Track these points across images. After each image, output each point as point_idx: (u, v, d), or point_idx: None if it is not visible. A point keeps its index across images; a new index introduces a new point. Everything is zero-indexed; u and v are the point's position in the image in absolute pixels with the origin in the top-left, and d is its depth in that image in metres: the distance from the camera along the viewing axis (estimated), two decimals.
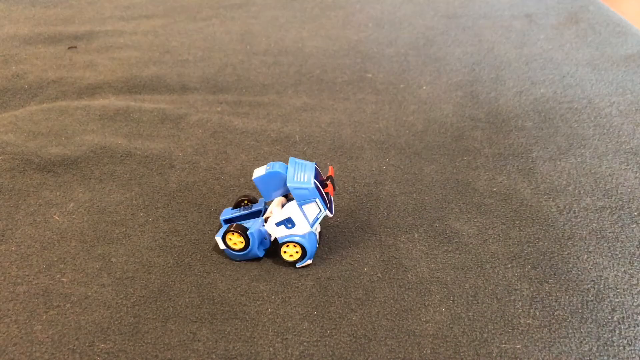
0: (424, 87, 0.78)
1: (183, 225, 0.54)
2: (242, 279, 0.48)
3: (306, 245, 0.48)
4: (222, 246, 0.49)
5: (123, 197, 0.57)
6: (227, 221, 0.52)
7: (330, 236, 0.53)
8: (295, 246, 0.48)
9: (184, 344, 0.42)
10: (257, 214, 0.52)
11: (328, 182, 0.49)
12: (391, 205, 0.56)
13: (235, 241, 0.48)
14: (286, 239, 0.48)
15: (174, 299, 0.46)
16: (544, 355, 0.42)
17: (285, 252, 0.49)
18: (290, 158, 0.49)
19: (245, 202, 0.53)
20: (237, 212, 0.52)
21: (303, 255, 0.49)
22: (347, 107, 0.73)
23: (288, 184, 0.47)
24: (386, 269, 0.49)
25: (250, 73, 0.81)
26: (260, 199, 0.53)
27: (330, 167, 0.52)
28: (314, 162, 0.50)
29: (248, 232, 0.48)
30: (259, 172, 0.49)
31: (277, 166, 0.48)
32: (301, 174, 0.48)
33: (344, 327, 0.44)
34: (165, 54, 0.87)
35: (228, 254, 0.50)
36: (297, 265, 0.49)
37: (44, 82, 0.78)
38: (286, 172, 0.48)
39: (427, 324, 0.44)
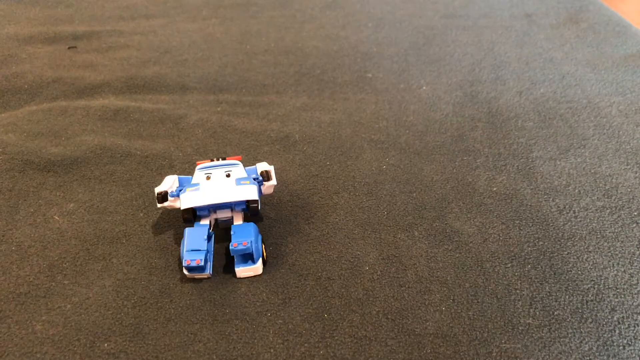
0: (424, 87, 0.78)
1: (184, 225, 0.54)
2: (242, 280, 0.48)
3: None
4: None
5: (123, 197, 0.57)
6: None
7: (330, 235, 0.53)
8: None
9: (185, 345, 0.43)
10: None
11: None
12: (391, 205, 0.57)
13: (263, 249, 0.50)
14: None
15: (175, 300, 0.46)
16: (544, 355, 0.42)
17: None
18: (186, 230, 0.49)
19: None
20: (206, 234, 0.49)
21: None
22: (347, 107, 0.73)
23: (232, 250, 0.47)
24: (386, 268, 0.49)
25: (250, 73, 0.81)
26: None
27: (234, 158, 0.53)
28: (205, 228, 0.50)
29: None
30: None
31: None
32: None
33: (345, 327, 0.44)
34: (165, 54, 0.87)
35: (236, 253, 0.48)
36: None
37: (43, 82, 0.78)
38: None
39: (427, 323, 0.44)
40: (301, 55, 0.87)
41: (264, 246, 0.50)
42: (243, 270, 0.47)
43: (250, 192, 0.49)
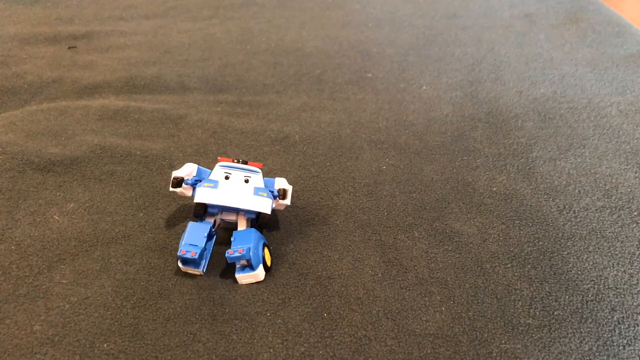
0: (424, 87, 0.78)
1: (184, 226, 0.54)
2: None
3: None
4: (262, 275, 0.48)
5: (123, 197, 0.57)
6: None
7: (330, 236, 0.53)
8: None
9: (184, 345, 0.43)
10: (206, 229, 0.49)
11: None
12: (391, 205, 0.56)
13: (267, 255, 0.49)
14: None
15: (174, 300, 0.46)
16: (544, 355, 0.42)
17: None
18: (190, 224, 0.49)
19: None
20: (205, 233, 0.49)
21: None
22: (347, 107, 0.73)
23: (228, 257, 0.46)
24: (386, 268, 0.49)
25: (250, 73, 0.81)
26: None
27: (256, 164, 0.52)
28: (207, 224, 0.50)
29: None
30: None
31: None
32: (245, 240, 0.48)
33: (345, 327, 0.44)
34: (165, 54, 0.87)
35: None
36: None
37: (43, 82, 0.78)
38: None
39: (428, 324, 0.44)
40: (301, 55, 0.87)
41: (268, 252, 0.49)
42: (243, 277, 0.47)
43: (265, 206, 0.49)
